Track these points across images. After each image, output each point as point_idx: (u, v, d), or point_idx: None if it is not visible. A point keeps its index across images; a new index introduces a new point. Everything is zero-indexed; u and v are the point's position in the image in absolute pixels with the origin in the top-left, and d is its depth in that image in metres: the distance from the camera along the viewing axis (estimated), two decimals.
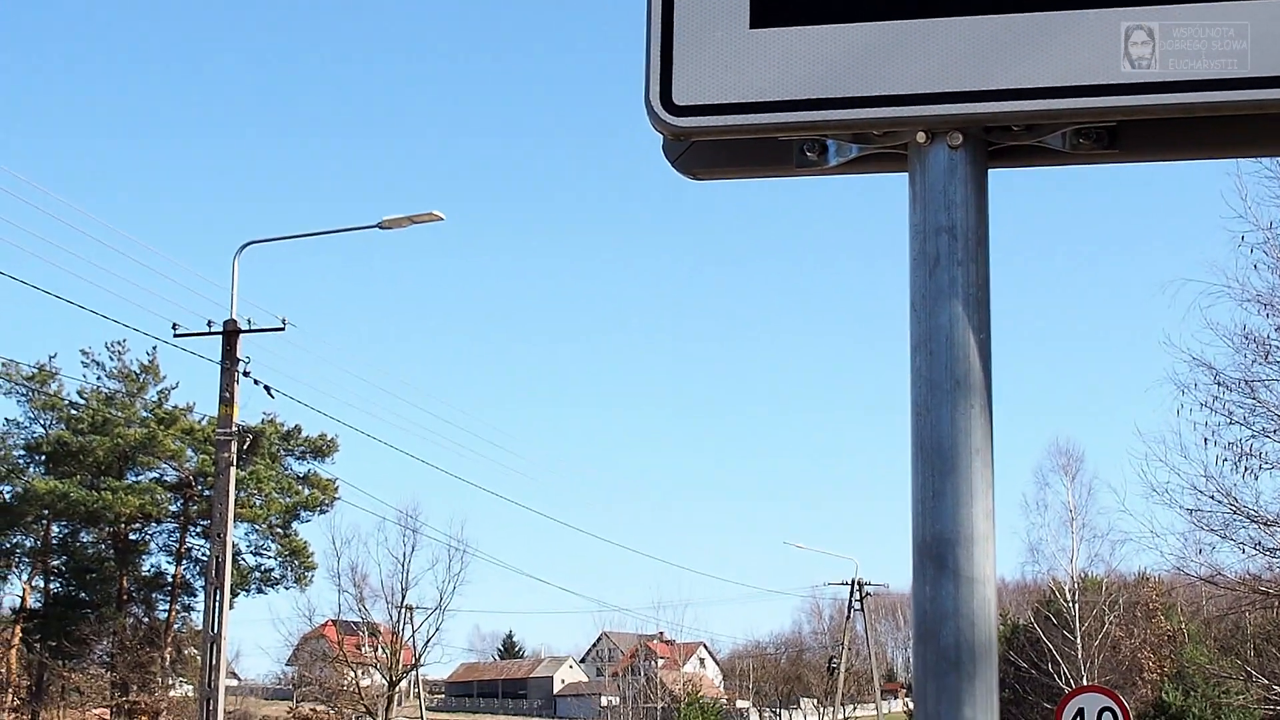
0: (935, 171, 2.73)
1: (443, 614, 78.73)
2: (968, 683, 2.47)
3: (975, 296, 2.65)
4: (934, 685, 2.48)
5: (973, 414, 2.59)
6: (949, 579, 2.51)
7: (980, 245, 2.69)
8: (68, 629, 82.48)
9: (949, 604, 2.50)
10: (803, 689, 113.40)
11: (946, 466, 2.57)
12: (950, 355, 2.63)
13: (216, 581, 20.62)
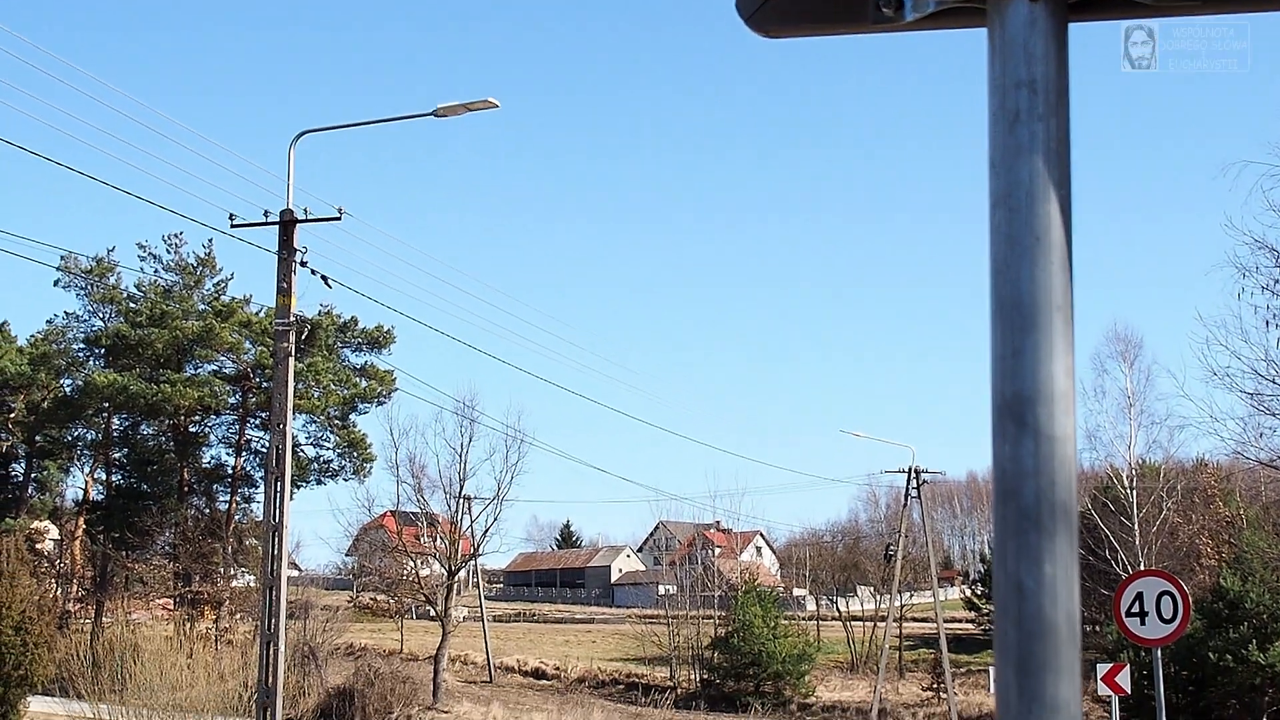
0: (1015, 25, 2.66)
1: (500, 504, 79.27)
2: (1048, 541, 2.45)
3: (1055, 151, 2.60)
4: (1014, 544, 2.47)
5: (1053, 270, 2.55)
6: (1029, 437, 2.49)
7: (1060, 100, 2.64)
8: (130, 521, 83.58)
9: (1029, 462, 2.48)
10: (859, 577, 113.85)
11: (1026, 324, 2.54)
12: (1030, 211, 2.58)
13: (277, 471, 20.78)
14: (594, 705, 76.58)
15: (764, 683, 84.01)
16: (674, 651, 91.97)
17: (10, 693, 45.55)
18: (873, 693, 71.43)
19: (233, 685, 44.25)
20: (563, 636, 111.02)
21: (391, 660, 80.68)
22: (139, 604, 77.54)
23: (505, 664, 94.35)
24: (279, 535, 20.53)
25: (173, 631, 52.68)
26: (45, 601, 52.88)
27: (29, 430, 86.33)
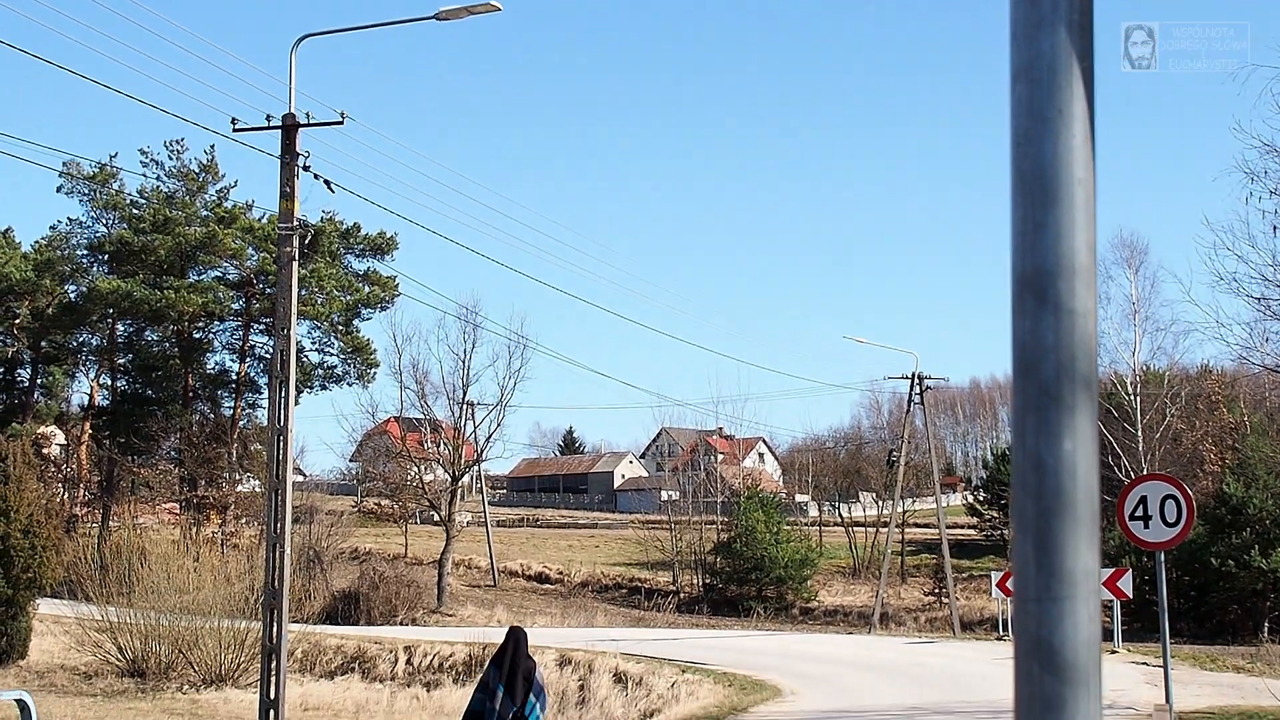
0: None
1: (504, 410, 79.44)
2: (1068, 416, 2.42)
3: (1078, 23, 2.54)
4: (1033, 420, 2.44)
5: (1075, 144, 2.50)
6: (1049, 312, 2.46)
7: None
8: (136, 426, 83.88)
9: (1049, 337, 2.45)
10: (862, 483, 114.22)
11: (1048, 198, 2.50)
12: (1052, 83, 2.53)
13: (281, 375, 20.76)
14: (597, 609, 77.10)
15: (766, 587, 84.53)
16: (677, 557, 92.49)
17: (19, 595, 45.79)
18: (875, 597, 71.86)
19: (239, 589, 44.51)
20: (566, 542, 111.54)
21: (396, 564, 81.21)
22: (145, 508, 77.92)
23: (509, 569, 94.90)
24: (284, 439, 20.55)
25: (179, 535, 52.90)
26: (53, 505, 53.17)
27: (34, 336, 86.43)
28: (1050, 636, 2.37)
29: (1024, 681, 2.41)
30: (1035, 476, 2.42)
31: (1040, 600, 2.39)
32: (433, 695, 40.87)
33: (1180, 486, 19.94)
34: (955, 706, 28.56)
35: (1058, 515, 2.40)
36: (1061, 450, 2.41)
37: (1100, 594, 2.48)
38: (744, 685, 34.76)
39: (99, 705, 37.55)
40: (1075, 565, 2.39)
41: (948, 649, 47.36)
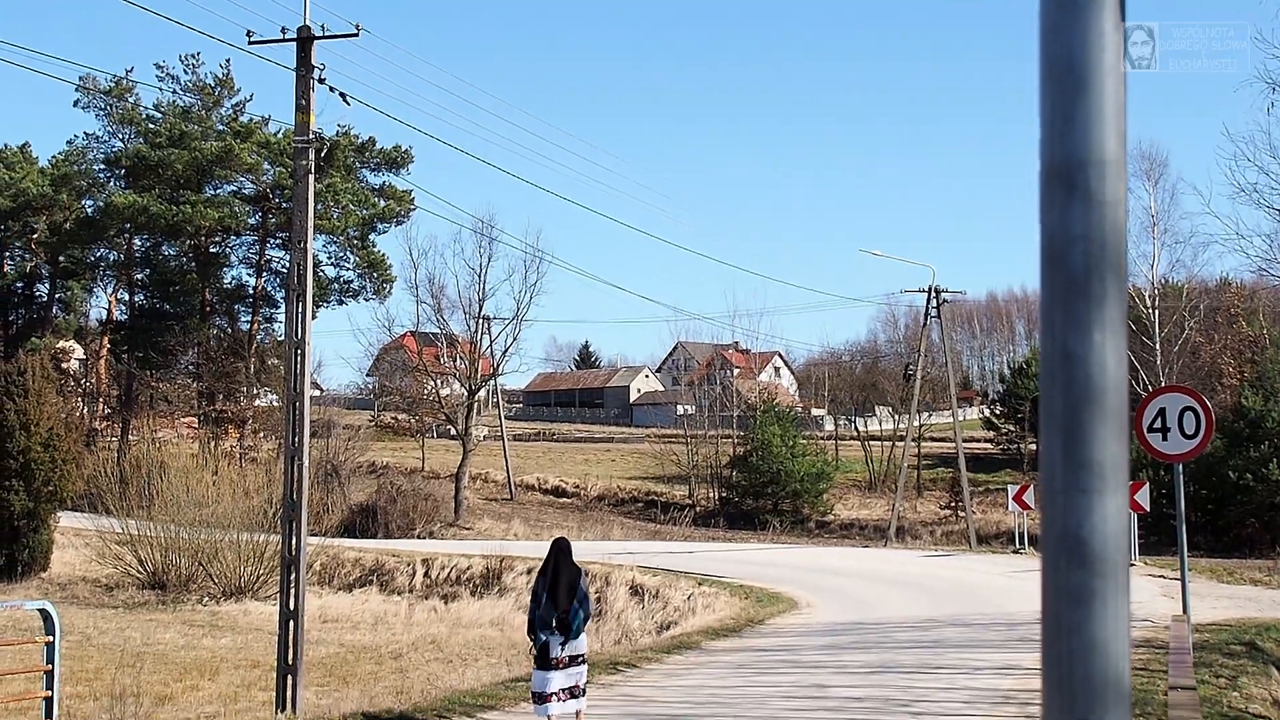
0: None
1: (520, 324, 79.44)
2: (1097, 308, 2.39)
3: None
4: (1062, 311, 2.41)
5: (1105, 31, 2.45)
6: (1078, 202, 2.41)
7: None
8: (154, 340, 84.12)
9: (1078, 227, 2.41)
10: (878, 397, 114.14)
11: (1078, 87, 2.45)
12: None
13: (298, 288, 20.73)
14: (614, 522, 77.44)
15: (782, 501, 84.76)
16: (693, 470, 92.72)
17: (41, 508, 46.14)
18: (891, 511, 72.05)
19: (258, 502, 44.78)
20: (582, 456, 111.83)
21: (413, 478, 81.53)
22: (164, 422, 78.27)
23: (525, 482, 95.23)
24: (301, 352, 20.55)
25: (198, 449, 53.14)
26: (73, 419, 53.38)
27: (52, 251, 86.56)
28: (1079, 529, 2.34)
29: (1052, 575, 2.39)
30: (1063, 368, 2.39)
31: (1068, 493, 2.36)
32: (450, 607, 41.16)
33: (1199, 398, 19.89)
34: (971, 618, 28.68)
35: (1086, 407, 2.37)
36: (1090, 341, 2.38)
37: (1128, 488, 2.46)
38: (761, 597, 34.93)
39: (120, 616, 37.90)
40: (1104, 458, 2.36)
41: (963, 562, 47.51)
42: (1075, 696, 2.28)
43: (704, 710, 17.63)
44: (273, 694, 20.22)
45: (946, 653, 23.38)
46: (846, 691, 18.80)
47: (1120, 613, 2.30)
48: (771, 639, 26.67)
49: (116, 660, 27.29)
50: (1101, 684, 2.26)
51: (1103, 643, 2.28)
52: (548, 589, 16.19)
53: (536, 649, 16.10)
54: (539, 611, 16.11)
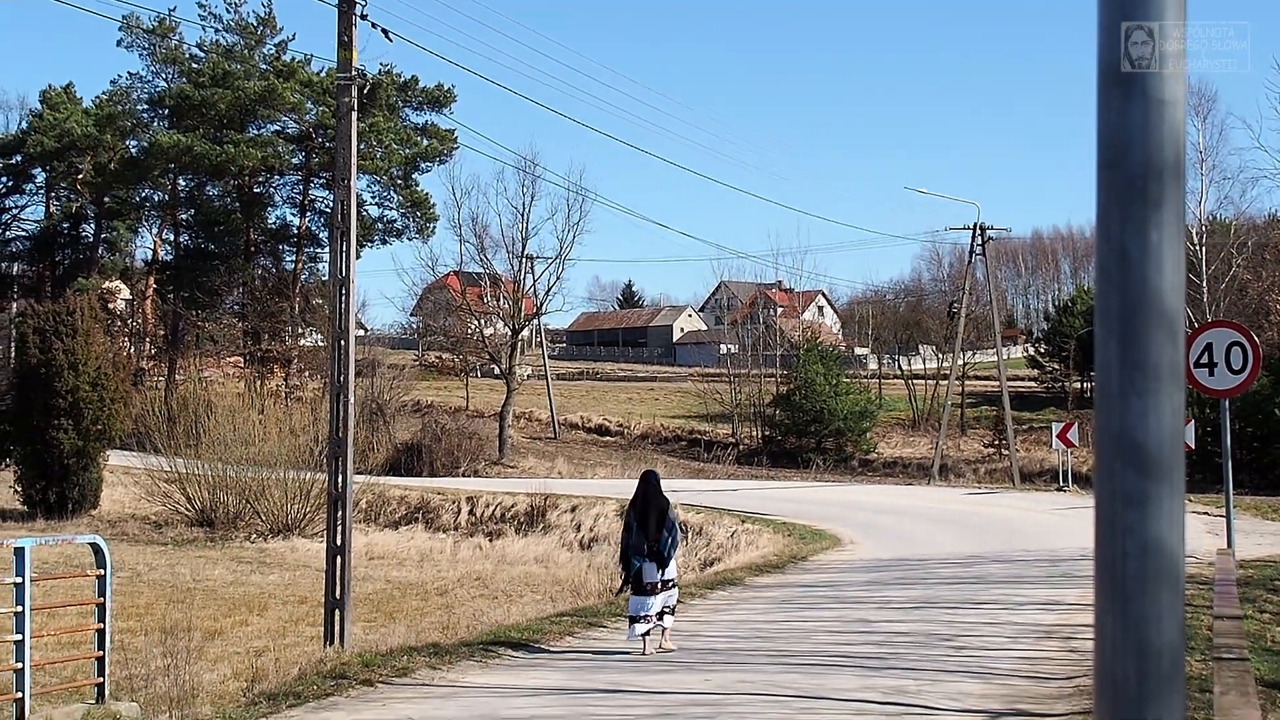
0: None
1: (563, 263, 79.37)
2: (1154, 209, 2.36)
3: None
4: (1118, 214, 2.37)
5: None
6: (1137, 101, 2.38)
7: None
8: (199, 280, 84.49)
9: (1137, 128, 2.37)
10: (922, 335, 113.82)
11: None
12: None
13: (342, 226, 20.73)
14: (657, 461, 77.53)
15: (825, 439, 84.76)
16: (736, 409, 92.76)
17: (90, 446, 46.47)
18: (934, 449, 71.91)
19: (303, 440, 45.01)
20: (625, 395, 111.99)
21: (457, 417, 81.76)
22: (210, 362, 78.69)
23: (569, 421, 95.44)
24: (346, 290, 20.57)
25: (244, 389, 53.46)
26: (120, 359, 53.75)
27: (97, 191, 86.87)
28: (1133, 432, 2.32)
29: (1105, 479, 2.37)
30: (1120, 270, 2.36)
31: (1124, 395, 2.34)
32: (495, 545, 41.36)
33: (1246, 333, 19.76)
34: (1014, 555, 28.65)
35: (1142, 309, 2.34)
36: (1148, 242, 2.35)
37: (1184, 390, 2.42)
38: (804, 534, 34.97)
39: (170, 553, 38.22)
40: (1160, 359, 2.33)
41: (1007, 500, 47.47)
42: (1129, 598, 2.27)
43: (747, 644, 17.68)
44: (320, 629, 20.36)
45: (990, 588, 23.38)
46: (890, 626, 18.82)
47: (1175, 514, 2.28)
48: (815, 575, 26.72)
49: (167, 596, 27.57)
50: (1156, 585, 2.25)
51: (1157, 544, 2.26)
52: (638, 519, 17.28)
53: (629, 576, 17.22)
54: (631, 540, 17.22)
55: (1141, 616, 2.25)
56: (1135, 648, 2.25)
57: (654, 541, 17.13)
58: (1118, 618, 2.29)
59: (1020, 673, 15.16)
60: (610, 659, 16.85)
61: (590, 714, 13.16)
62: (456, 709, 13.63)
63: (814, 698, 13.84)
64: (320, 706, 13.78)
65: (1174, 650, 2.29)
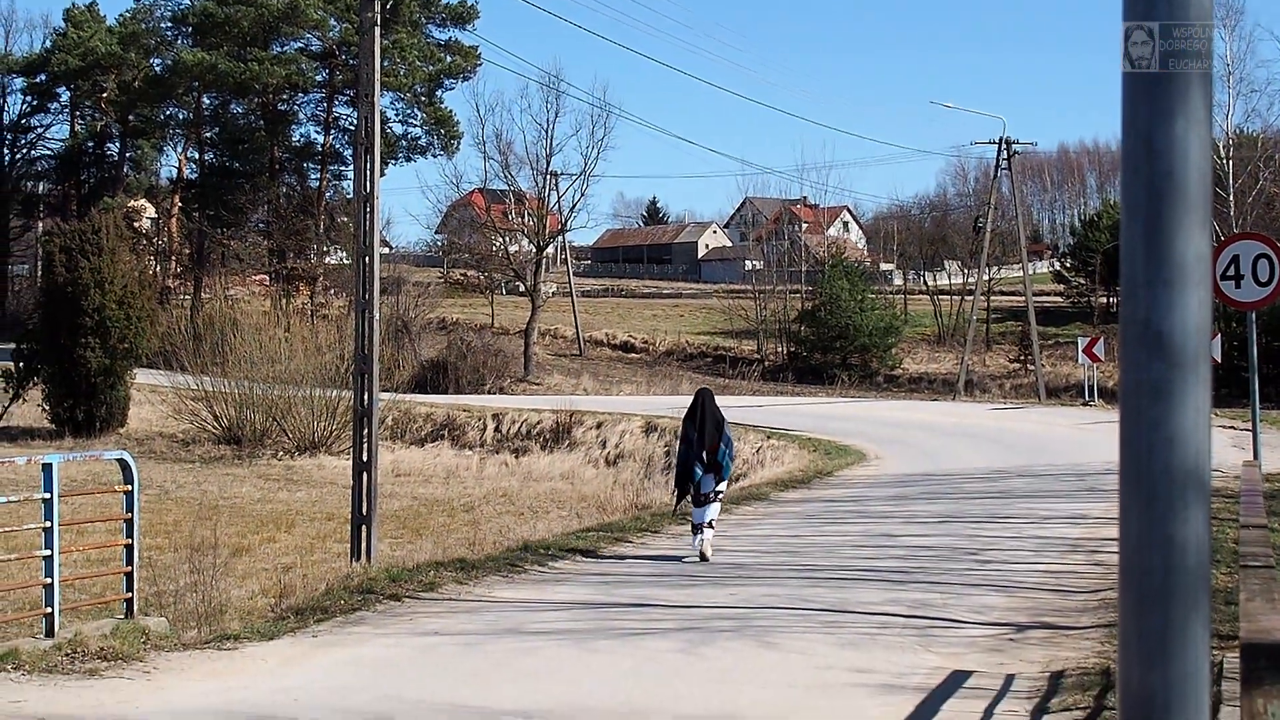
0: None
1: (587, 180, 79.21)
2: (1180, 99, 2.28)
3: None
4: (1144, 103, 2.30)
5: None
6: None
7: None
8: (224, 198, 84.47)
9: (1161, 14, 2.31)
10: (947, 251, 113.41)
11: None
12: None
13: (366, 142, 20.65)
14: (682, 377, 77.57)
15: (851, 355, 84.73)
16: (761, 325, 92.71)
17: (117, 364, 46.66)
18: (959, 365, 71.83)
19: (329, 358, 45.08)
20: (650, 311, 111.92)
21: (483, 334, 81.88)
22: (236, 280, 78.76)
23: (594, 338, 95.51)
24: (370, 206, 20.51)
25: (269, 307, 53.51)
26: (146, 278, 53.78)
27: (122, 110, 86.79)
28: (1159, 322, 2.28)
29: (1130, 369, 2.33)
30: (1146, 160, 2.31)
31: (1150, 285, 2.29)
32: (521, 461, 41.45)
33: (1274, 245, 19.59)
34: (1040, 469, 28.63)
35: (1168, 198, 2.29)
36: (1173, 132, 2.30)
37: (1210, 281, 2.38)
38: (829, 450, 34.97)
39: (197, 470, 38.44)
40: (1186, 249, 2.29)
41: (1033, 415, 47.40)
42: (1155, 491, 2.24)
43: (772, 559, 17.74)
44: (347, 545, 20.44)
45: (1015, 503, 23.38)
46: (914, 540, 18.84)
47: (1201, 406, 2.25)
48: (840, 490, 26.75)
49: (194, 513, 27.69)
50: (1182, 477, 2.22)
51: (1183, 436, 2.23)
52: (697, 431, 18.02)
53: (684, 486, 18.20)
54: (690, 452, 18.04)
55: (1167, 510, 2.21)
56: (1161, 542, 2.22)
57: (712, 453, 17.92)
58: (1143, 511, 2.25)
59: (1045, 586, 15.18)
60: (636, 574, 16.93)
61: (616, 627, 13.22)
62: (483, 623, 13.70)
63: (839, 611, 13.89)
64: (347, 621, 13.85)
65: (1200, 545, 2.27)
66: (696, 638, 12.48)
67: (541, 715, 9.73)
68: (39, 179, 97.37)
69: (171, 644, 12.48)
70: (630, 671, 11.21)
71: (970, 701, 9.96)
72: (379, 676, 11.33)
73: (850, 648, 11.96)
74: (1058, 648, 11.85)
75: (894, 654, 11.66)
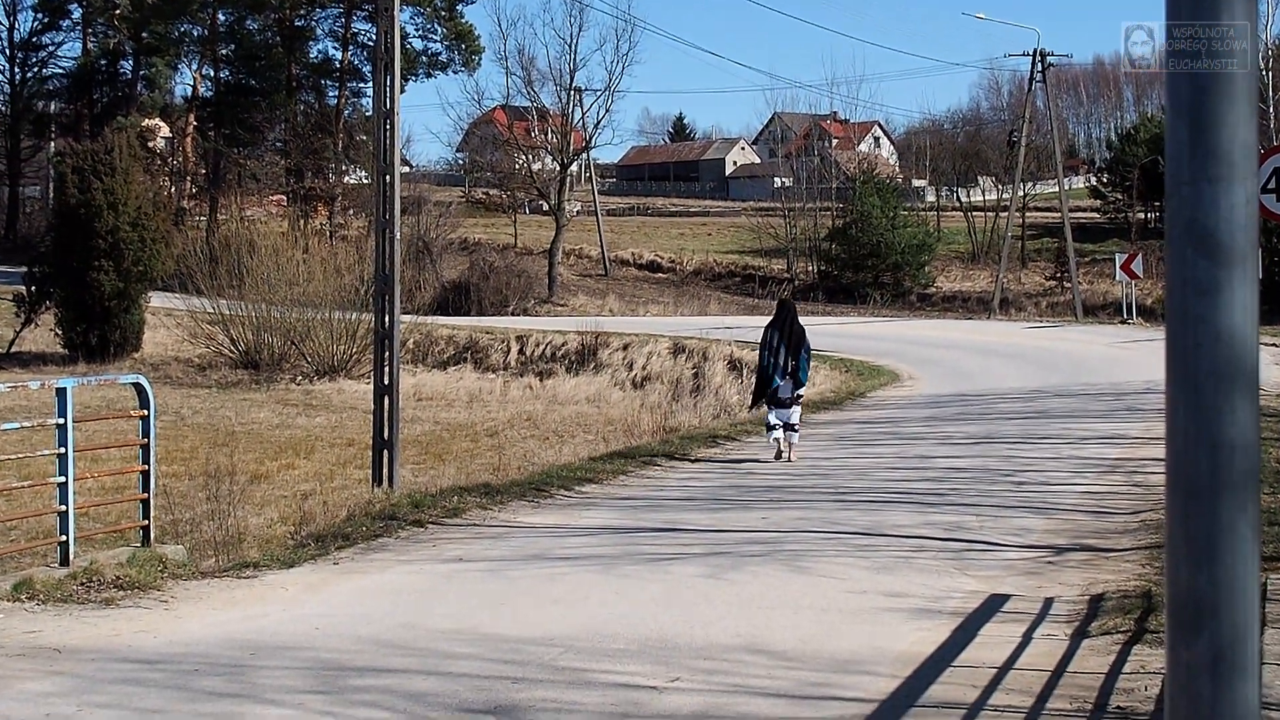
0: None
1: (612, 95, 78.76)
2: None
3: None
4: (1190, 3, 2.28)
5: None
6: None
7: None
8: (240, 117, 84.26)
9: None
10: (981, 166, 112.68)
11: None
12: None
13: (386, 57, 20.56)
14: (710, 297, 77.52)
15: (883, 273, 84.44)
16: (791, 244, 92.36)
17: (131, 288, 46.79)
18: (994, 282, 71.61)
19: (349, 280, 45.09)
20: (677, 230, 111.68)
21: (506, 254, 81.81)
22: (252, 200, 78.64)
23: (620, 257, 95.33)
24: (390, 123, 20.43)
25: (287, 228, 53.51)
26: (161, 198, 53.85)
27: (135, 26, 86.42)
28: (1205, 219, 2.24)
29: (1177, 267, 2.30)
30: (1190, 55, 2.26)
31: (1195, 182, 2.25)
32: (546, 385, 41.48)
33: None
34: (1077, 388, 28.61)
35: (1214, 90, 2.24)
36: (1219, 26, 2.25)
37: (1256, 175, 2.34)
38: (861, 370, 34.97)
39: (214, 396, 38.58)
40: (1233, 144, 2.24)
41: (1069, 333, 47.31)
42: (1201, 390, 2.21)
43: (804, 481, 17.76)
44: (368, 471, 20.49)
45: (1051, 423, 23.38)
46: (949, 462, 18.86)
47: (1249, 303, 2.21)
48: (872, 411, 26.79)
49: (211, 439, 27.84)
50: (1230, 375, 2.18)
51: (1230, 332, 2.19)
52: (784, 340, 19.47)
53: (762, 390, 19.81)
54: (772, 359, 19.50)
55: (1214, 408, 2.19)
56: (1208, 441, 2.20)
57: (792, 359, 19.36)
58: (1190, 410, 2.23)
59: (1084, 508, 15.18)
60: (664, 498, 16.96)
61: (643, 551, 13.26)
62: (508, 549, 13.76)
63: (872, 534, 13.91)
64: (369, 548, 13.90)
65: (1247, 444, 2.24)
66: (726, 562, 12.50)
67: (567, 642, 9.76)
68: (50, 98, 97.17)
69: (189, 572, 12.54)
70: (658, 597, 11.24)
71: (1008, 625, 9.97)
72: (402, 603, 11.38)
73: (884, 572, 11.98)
74: (1097, 570, 11.85)
75: (929, 578, 11.67)
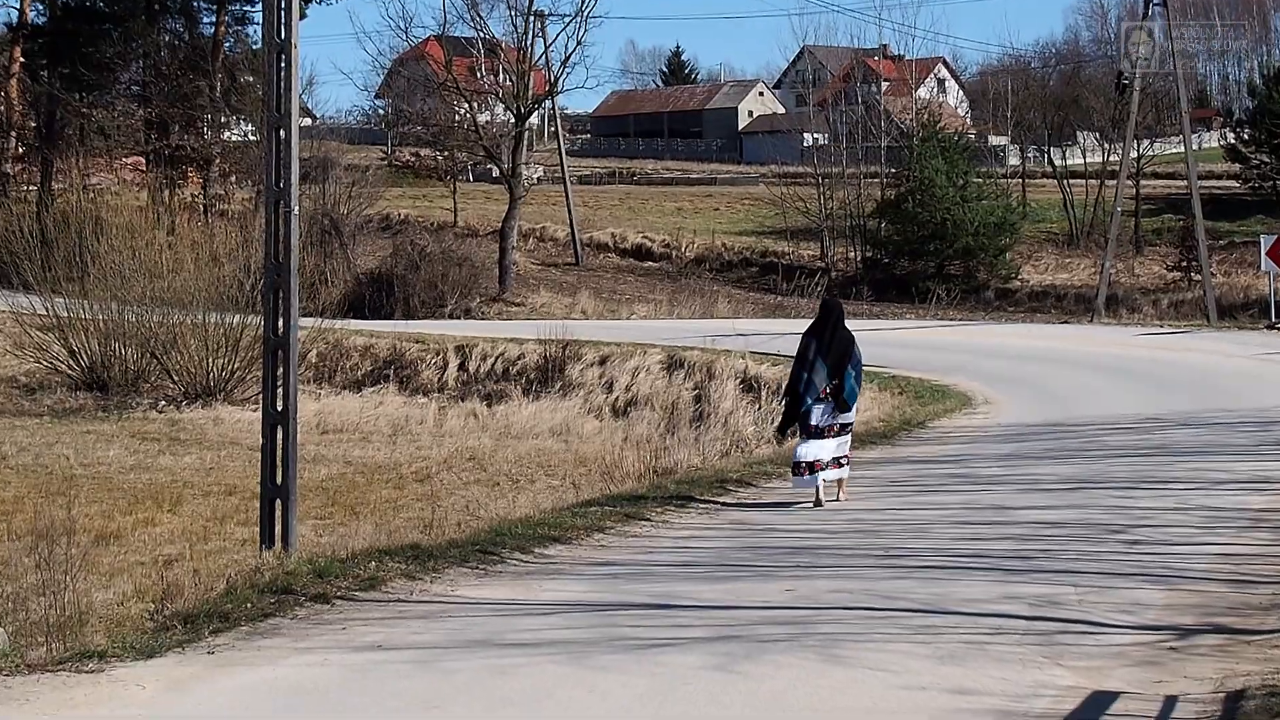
0: None
1: (585, 22, 78.61)
2: None
3: None
4: None
5: None
6: None
7: None
8: (83, 52, 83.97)
9: None
10: (1081, 118, 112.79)
11: None
12: None
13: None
14: (718, 293, 77.49)
15: (950, 262, 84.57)
16: (826, 223, 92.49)
17: None
18: (1099, 274, 71.68)
19: (230, 270, 44.97)
20: (674, 204, 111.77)
21: (442, 236, 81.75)
22: (100, 163, 78.45)
23: (596, 240, 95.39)
24: (286, 58, 20.22)
25: (147, 200, 53.33)
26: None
27: None
28: None
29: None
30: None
31: None
32: (496, 411, 41.39)
33: None
34: (1208, 416, 28.66)
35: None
36: None
37: None
38: (920, 392, 35.00)
39: (47, 428, 38.37)
40: None
41: (1198, 341, 47.43)
42: None
43: (842, 540, 17.74)
44: (255, 529, 20.38)
45: (1175, 463, 23.39)
46: (1037, 515, 18.86)
47: None
48: (935, 446, 26.81)
49: (42, 486, 27.71)
50: None
51: None
52: (823, 352, 19.70)
53: (795, 415, 19.96)
54: (809, 375, 19.66)
55: None
56: None
57: (837, 377, 19.70)
58: None
59: (1218, 575, 15.18)
60: (655, 563, 16.91)
61: (626, 636, 13.19)
62: (444, 633, 13.69)
63: (933, 611, 13.89)
64: (255, 632, 13.81)
65: None
66: (738, 650, 12.47)
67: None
68: None
69: (11, 665, 12.47)
70: (645, 697, 11.21)
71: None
72: (300, 708, 11.33)
73: (950, 662, 11.95)
74: (1235, 659, 11.84)
75: (1010, 670, 11.65)
